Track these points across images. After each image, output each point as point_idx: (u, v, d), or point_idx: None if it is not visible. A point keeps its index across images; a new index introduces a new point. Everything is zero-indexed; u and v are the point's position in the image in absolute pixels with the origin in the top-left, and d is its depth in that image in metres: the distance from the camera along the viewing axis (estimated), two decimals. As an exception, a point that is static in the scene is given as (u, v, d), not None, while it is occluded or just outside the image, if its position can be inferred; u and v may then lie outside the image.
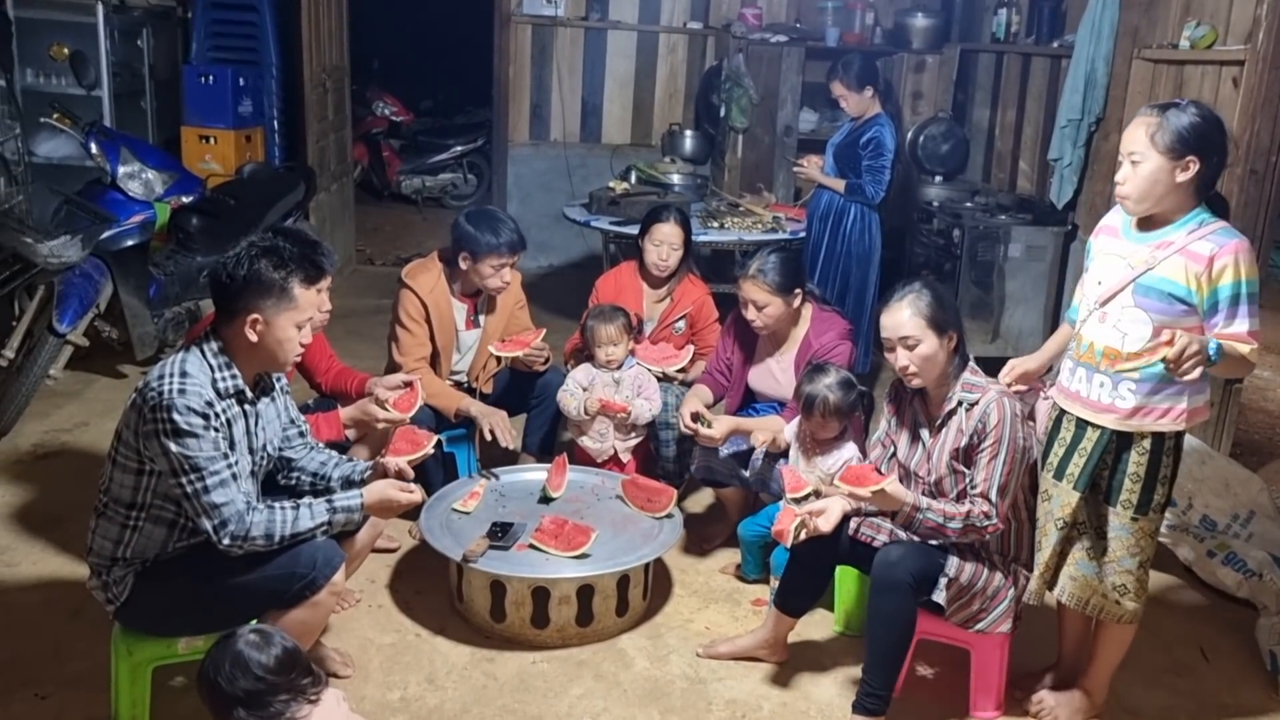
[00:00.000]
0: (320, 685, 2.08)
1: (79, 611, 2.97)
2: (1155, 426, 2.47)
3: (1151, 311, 2.40)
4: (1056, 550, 2.62)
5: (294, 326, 2.39)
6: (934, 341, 2.59)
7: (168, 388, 2.26)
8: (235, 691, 1.97)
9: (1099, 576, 2.60)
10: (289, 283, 2.35)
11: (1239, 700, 2.95)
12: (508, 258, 3.55)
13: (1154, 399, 2.45)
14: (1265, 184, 3.91)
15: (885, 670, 2.61)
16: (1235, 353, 2.33)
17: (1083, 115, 5.03)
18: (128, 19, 6.08)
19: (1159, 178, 2.36)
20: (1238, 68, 3.91)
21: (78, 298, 4.29)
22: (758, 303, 3.39)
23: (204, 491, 2.26)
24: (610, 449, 3.69)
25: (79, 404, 4.60)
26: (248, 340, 2.36)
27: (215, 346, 2.37)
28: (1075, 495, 2.56)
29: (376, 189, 9.80)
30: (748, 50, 6.40)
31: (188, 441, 2.24)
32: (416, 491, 2.56)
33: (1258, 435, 4.99)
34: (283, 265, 2.35)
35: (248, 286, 2.33)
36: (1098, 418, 2.51)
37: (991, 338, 5.44)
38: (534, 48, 7.21)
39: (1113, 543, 2.57)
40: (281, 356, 2.42)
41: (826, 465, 3.14)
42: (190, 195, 5.14)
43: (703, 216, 5.51)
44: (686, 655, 3.00)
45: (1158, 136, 2.33)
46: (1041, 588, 2.66)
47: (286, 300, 2.36)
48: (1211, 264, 2.33)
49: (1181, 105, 2.37)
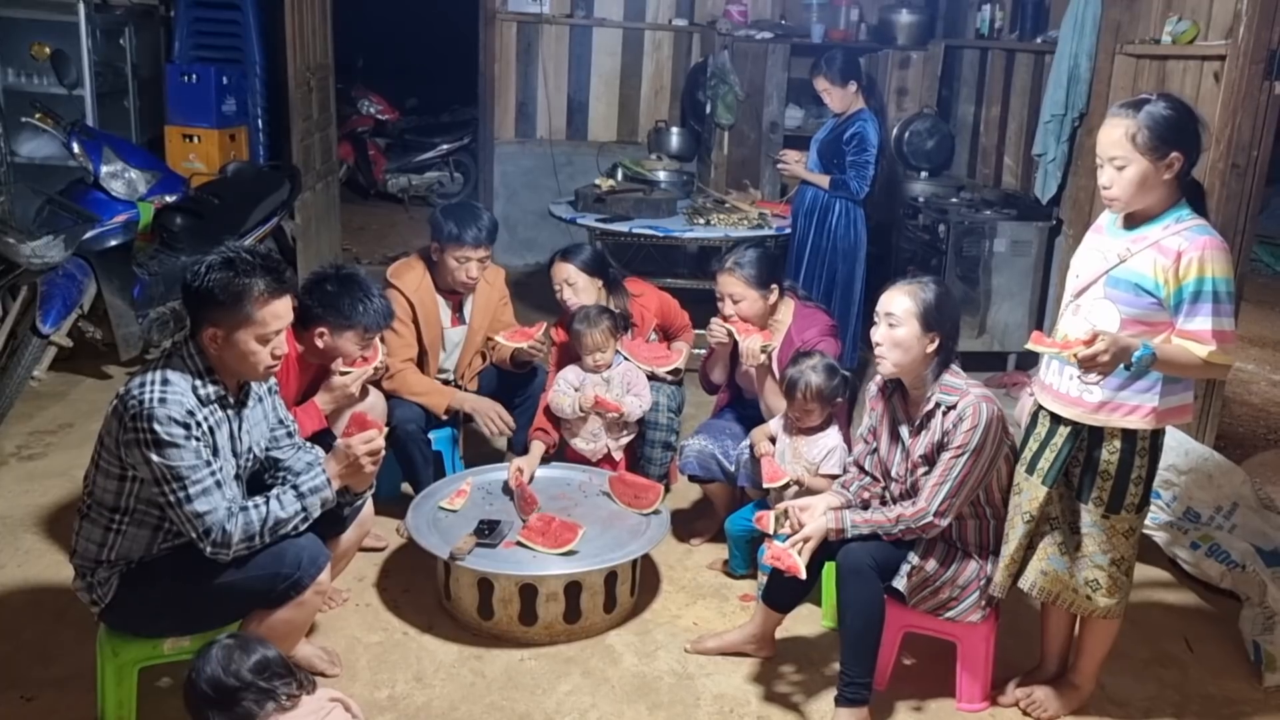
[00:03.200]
0: (303, 689, 2.09)
1: (64, 613, 2.96)
2: (1123, 423, 2.46)
3: (1120, 304, 2.40)
4: (1023, 544, 2.62)
5: (254, 340, 2.31)
6: (914, 332, 2.58)
7: (148, 396, 2.23)
8: (209, 693, 1.99)
9: (1070, 571, 2.60)
10: (242, 299, 2.27)
11: (1223, 690, 2.97)
12: (470, 250, 3.53)
13: (1119, 394, 2.44)
14: (1247, 178, 3.93)
15: (861, 658, 2.62)
16: (1187, 356, 2.32)
17: (1066, 110, 5.05)
18: (109, 18, 6.05)
19: (1146, 178, 2.36)
20: (1219, 62, 3.92)
21: (61, 298, 4.27)
22: (734, 295, 3.41)
23: (186, 500, 2.24)
24: (604, 448, 3.69)
25: (63, 405, 4.58)
26: (210, 351, 2.33)
27: (195, 352, 2.35)
28: (1043, 490, 2.56)
29: (363, 188, 9.76)
30: (733, 47, 6.41)
31: (169, 452, 2.22)
32: (378, 440, 2.46)
33: (1241, 428, 5.03)
34: (237, 279, 2.27)
35: (203, 299, 2.28)
36: (1066, 410, 2.51)
37: (978, 333, 5.46)
38: (520, 45, 7.21)
39: (1085, 539, 2.57)
40: (248, 370, 2.36)
41: (811, 455, 3.16)
42: (174, 194, 5.12)
43: (689, 213, 5.52)
44: (674, 651, 3.01)
45: (1138, 138, 2.33)
46: (1006, 580, 2.67)
47: (241, 315, 2.28)
48: (1179, 259, 2.33)
49: (1152, 100, 2.36)
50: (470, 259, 3.55)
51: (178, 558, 2.35)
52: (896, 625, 2.76)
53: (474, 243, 3.52)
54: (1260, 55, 3.80)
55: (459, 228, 3.51)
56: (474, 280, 3.60)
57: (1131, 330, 2.39)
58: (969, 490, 2.58)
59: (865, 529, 2.62)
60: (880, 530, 2.61)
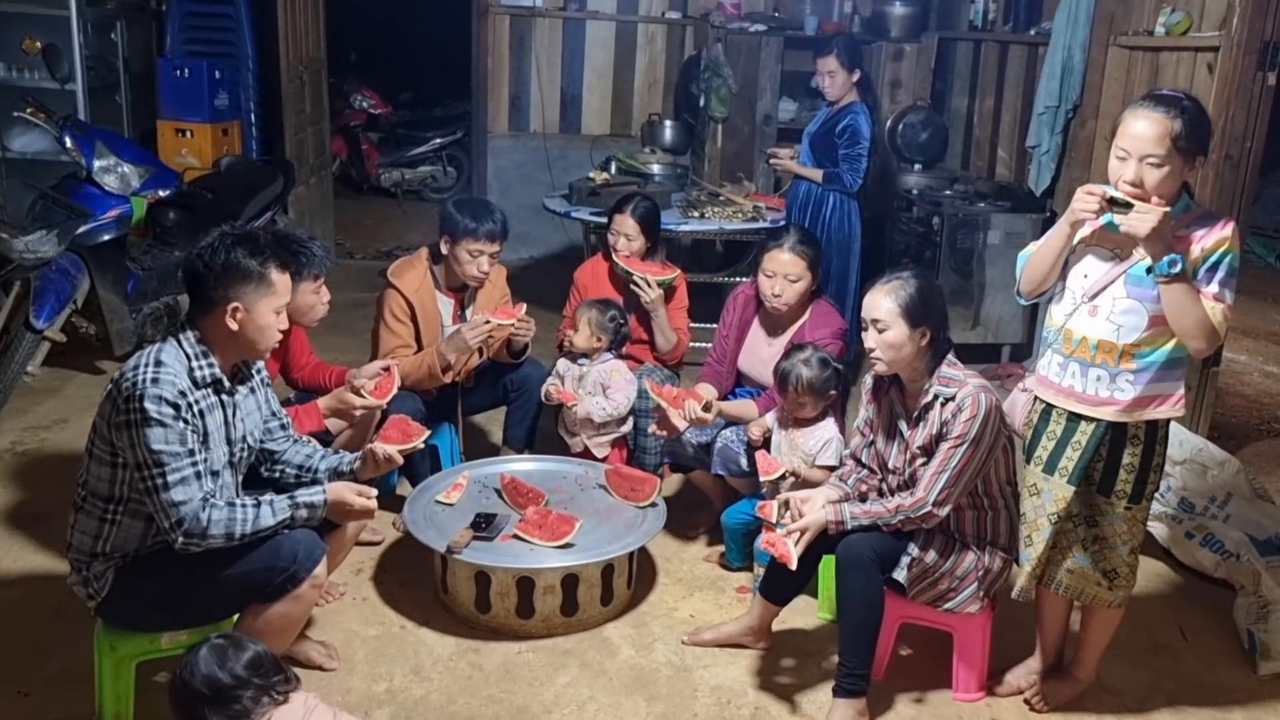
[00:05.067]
0: (290, 684, 2.09)
1: (61, 608, 2.95)
2: (1154, 415, 2.48)
3: (1146, 301, 2.40)
4: (1049, 544, 2.63)
5: (273, 312, 2.40)
6: (903, 331, 2.58)
7: (142, 377, 2.25)
8: (203, 691, 1.99)
9: (1093, 566, 2.62)
10: (266, 268, 2.36)
11: (1218, 679, 2.99)
12: (484, 244, 3.51)
13: (1154, 387, 2.45)
14: (1240, 169, 3.94)
15: (860, 649, 2.62)
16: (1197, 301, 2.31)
17: (1060, 102, 5.06)
18: (101, 12, 6.03)
19: (1177, 177, 2.36)
20: (1212, 54, 3.93)
21: (54, 293, 4.26)
22: (791, 275, 3.40)
23: (163, 488, 2.24)
24: (580, 444, 3.71)
25: (57, 400, 4.57)
26: (228, 329, 2.35)
27: (193, 336, 2.36)
28: (1070, 489, 2.57)
29: (356, 182, 9.73)
30: (726, 40, 6.40)
31: (156, 432, 2.22)
32: (372, 500, 2.52)
33: (1234, 419, 5.04)
34: (259, 252, 2.36)
35: (226, 275, 2.33)
36: (1095, 411, 2.51)
37: (972, 324, 5.47)
38: (513, 38, 7.19)
39: (1105, 531, 2.59)
40: (262, 343, 2.42)
41: (808, 446, 3.16)
42: (167, 189, 5.09)
43: (683, 206, 5.51)
44: (671, 643, 3.01)
45: (1180, 140, 2.30)
46: (1031, 584, 2.67)
47: (265, 286, 2.37)
48: (1202, 240, 2.36)
49: (1184, 99, 2.35)
50: (484, 253, 3.53)
51: (172, 552, 2.34)
52: (894, 616, 2.77)
53: (489, 236, 3.51)
54: (1254, 46, 3.81)
55: (475, 221, 3.48)
56: (485, 274, 3.58)
57: (1161, 327, 2.40)
58: (968, 480, 2.59)
59: (865, 520, 2.62)
60: (880, 521, 2.62)
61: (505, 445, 3.86)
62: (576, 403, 3.64)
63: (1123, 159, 2.37)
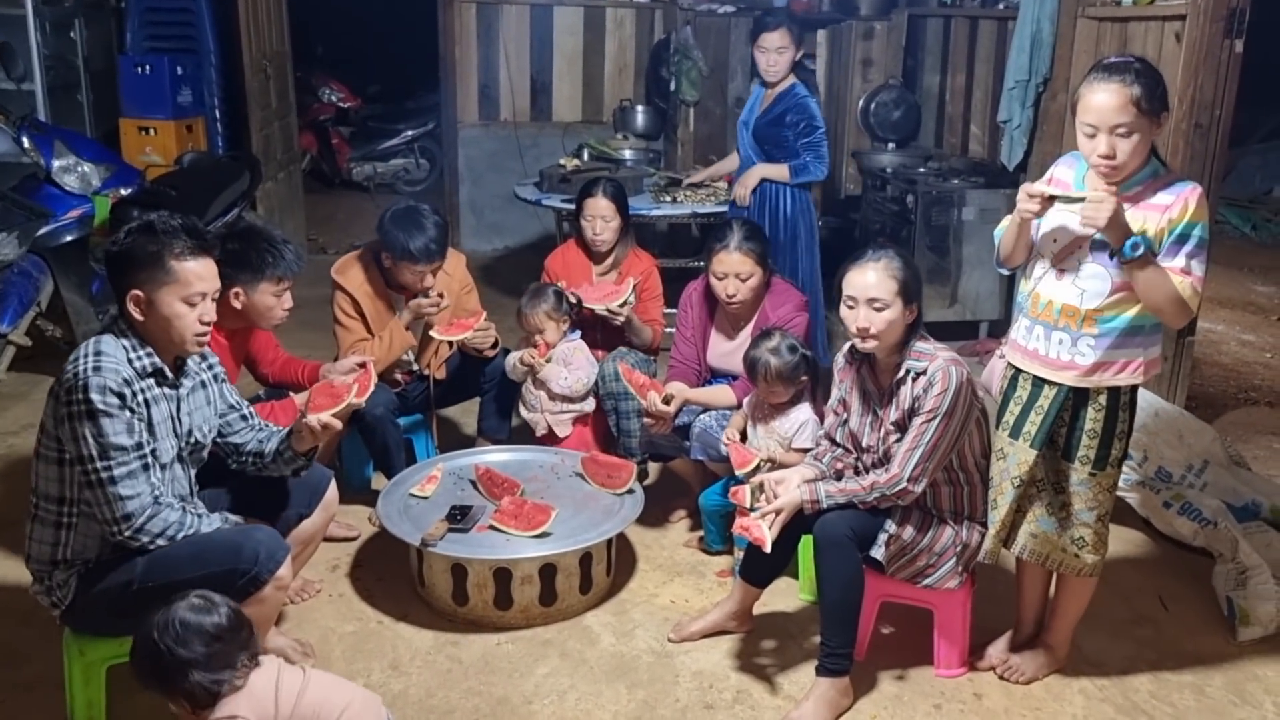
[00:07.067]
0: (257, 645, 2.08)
1: (30, 616, 2.89)
2: (1113, 381, 2.47)
3: (1111, 267, 2.39)
4: (1013, 508, 2.62)
5: (180, 302, 2.30)
6: (899, 309, 2.57)
7: (83, 367, 2.22)
8: (193, 655, 1.93)
9: (1058, 531, 2.61)
10: (163, 255, 2.27)
11: (1199, 647, 2.99)
12: (424, 266, 3.49)
13: (1114, 354, 2.45)
14: (1210, 137, 3.94)
15: (841, 628, 2.61)
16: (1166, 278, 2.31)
17: (1030, 76, 5.04)
18: (58, 10, 5.94)
19: (1147, 140, 2.35)
20: (1180, 22, 3.92)
21: (17, 296, 4.20)
22: (741, 274, 3.35)
23: (110, 481, 2.21)
24: (541, 420, 3.67)
25: (25, 405, 4.49)
26: (136, 318, 2.30)
27: (128, 325, 2.33)
28: (1032, 453, 2.56)
29: (327, 177, 9.65)
30: (695, 22, 6.37)
31: (102, 423, 2.19)
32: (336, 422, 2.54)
33: (1211, 388, 5.06)
34: (156, 238, 2.28)
35: (123, 261, 2.29)
36: (1056, 375, 2.51)
37: (949, 302, 5.46)
38: (480, 27, 7.11)
39: (1072, 498, 2.58)
40: (174, 335, 2.33)
41: (783, 429, 3.14)
42: (129, 187, 5.02)
43: (655, 191, 5.47)
44: (652, 630, 2.99)
45: (1143, 102, 2.29)
46: (997, 546, 2.67)
47: (162, 273, 2.27)
48: (1170, 209, 2.34)
49: (1133, 61, 2.34)
50: (425, 272, 3.51)
51: (132, 556, 2.31)
52: (874, 595, 2.75)
53: (426, 260, 3.47)
54: (1220, 13, 3.81)
55: (408, 241, 3.42)
56: (431, 286, 3.57)
57: (1124, 294, 2.39)
58: (942, 455, 2.57)
59: (840, 499, 2.60)
60: (855, 499, 2.60)
61: (481, 436, 3.83)
62: (548, 359, 3.58)
63: (1091, 135, 2.35)
